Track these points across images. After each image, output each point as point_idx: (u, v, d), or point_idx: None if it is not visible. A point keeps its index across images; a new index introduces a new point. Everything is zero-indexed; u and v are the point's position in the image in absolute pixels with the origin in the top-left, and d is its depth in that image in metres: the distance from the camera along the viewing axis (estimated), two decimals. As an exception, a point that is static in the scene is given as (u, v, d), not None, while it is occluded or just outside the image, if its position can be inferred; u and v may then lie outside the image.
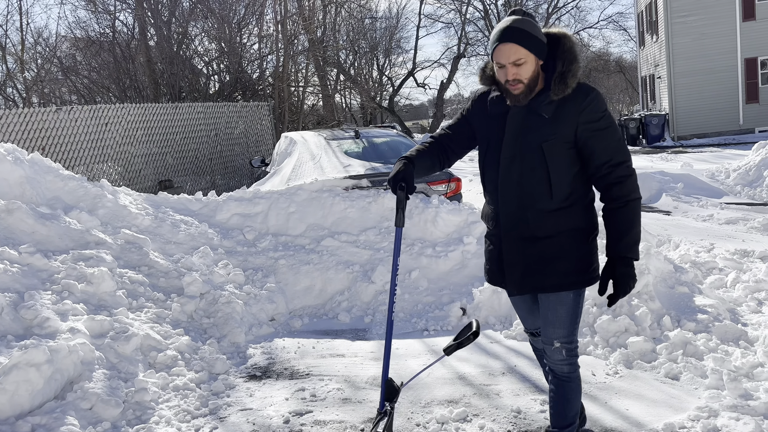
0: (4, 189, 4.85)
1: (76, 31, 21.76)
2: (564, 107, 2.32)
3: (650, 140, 21.47)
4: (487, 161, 2.47)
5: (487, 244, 2.59)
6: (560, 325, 2.46)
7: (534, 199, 2.37)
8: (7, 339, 3.37)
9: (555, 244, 2.39)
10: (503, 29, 2.31)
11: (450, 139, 2.59)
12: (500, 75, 2.35)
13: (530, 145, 2.34)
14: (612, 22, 41.27)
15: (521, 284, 2.47)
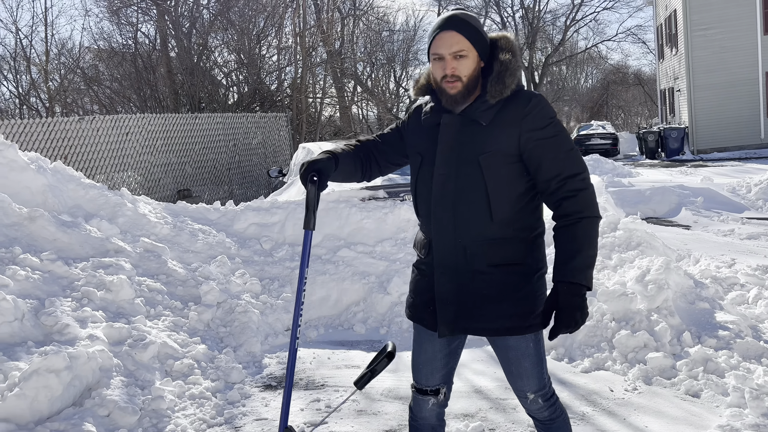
0: (27, 197, 4.94)
1: (100, 42, 22.16)
2: (504, 113, 1.99)
3: (669, 153, 21.28)
4: (419, 179, 2.12)
5: (415, 273, 2.21)
6: (528, 376, 2.12)
7: (471, 224, 2.01)
8: (27, 345, 3.41)
9: (495, 281, 2.02)
10: (446, 17, 2.04)
11: (378, 149, 2.24)
12: (437, 70, 2.03)
13: (466, 158, 2.00)
14: (631, 34, 41.03)
15: (454, 325, 2.07)
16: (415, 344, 2.21)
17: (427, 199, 2.09)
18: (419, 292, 2.17)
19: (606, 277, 4.77)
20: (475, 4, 39.54)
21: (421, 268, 2.18)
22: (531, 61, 39.64)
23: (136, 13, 20.14)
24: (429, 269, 2.12)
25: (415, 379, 2.22)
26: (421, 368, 2.19)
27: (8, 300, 3.49)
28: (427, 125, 2.12)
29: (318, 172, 2.00)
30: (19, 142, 8.92)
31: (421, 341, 2.18)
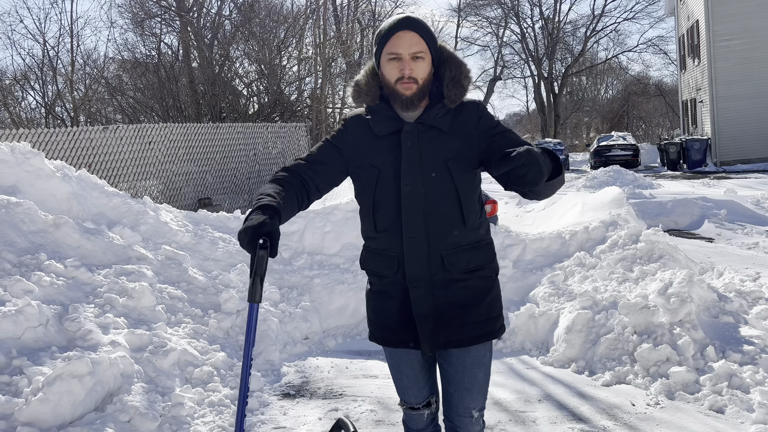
0: (53, 204, 5.02)
1: (124, 53, 22.56)
2: (459, 120, 1.98)
3: (691, 165, 21.01)
4: (380, 193, 1.98)
5: (378, 296, 2.08)
6: (479, 389, 2.06)
7: (445, 232, 1.96)
8: (51, 350, 3.45)
9: (469, 287, 2.00)
10: (402, 18, 1.95)
11: (313, 173, 2.01)
12: (391, 72, 1.94)
13: (433, 165, 1.95)
14: (652, 45, 40.82)
15: (435, 341, 1.99)
16: (392, 370, 2.14)
17: (394, 212, 1.97)
18: (388, 314, 2.05)
19: (627, 289, 4.72)
20: (494, 15, 39.65)
21: (385, 290, 2.05)
22: (550, 71, 39.51)
23: (159, 24, 20.50)
24: (397, 288, 2.02)
25: (404, 399, 2.16)
26: (408, 390, 2.13)
27: (33, 305, 3.55)
28: (383, 134, 1.99)
29: (267, 235, 1.75)
30: (45, 150, 9.09)
31: (399, 365, 2.11)
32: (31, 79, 23.77)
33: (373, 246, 2.07)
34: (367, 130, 2.03)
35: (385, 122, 2.00)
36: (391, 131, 1.99)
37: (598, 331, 4.27)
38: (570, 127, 44.65)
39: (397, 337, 2.05)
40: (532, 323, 4.68)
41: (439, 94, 2.00)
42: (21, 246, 4.31)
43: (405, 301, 2.02)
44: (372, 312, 2.13)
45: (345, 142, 2.05)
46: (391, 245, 2.00)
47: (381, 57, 1.97)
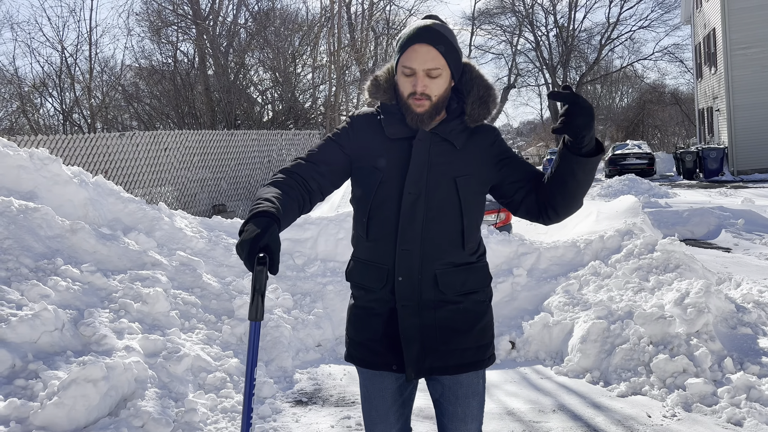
0: (69, 210, 5.08)
1: (141, 60, 22.83)
2: (473, 140, 1.90)
3: (708, 174, 20.81)
4: (379, 198, 1.86)
5: (361, 313, 1.93)
6: (473, 418, 1.94)
7: (442, 250, 1.85)
8: (66, 354, 3.48)
9: (461, 311, 1.88)
10: (422, 27, 1.83)
11: (316, 174, 1.88)
12: (405, 85, 1.84)
13: (440, 179, 1.85)
14: (668, 53, 40.36)
15: (420, 366, 1.87)
16: (364, 401, 1.98)
17: (391, 221, 1.85)
18: (371, 333, 1.90)
19: (643, 299, 4.67)
20: (508, 23, 39.66)
21: (369, 306, 1.91)
22: (565, 79, 39.38)
23: (176, 32, 20.73)
24: (383, 305, 1.88)
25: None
26: (377, 425, 1.96)
27: (49, 310, 3.58)
28: (394, 137, 1.87)
29: (267, 249, 1.61)
30: (63, 156, 9.21)
31: (371, 398, 1.95)
32: (50, 87, 24.12)
33: (362, 256, 1.93)
34: (377, 131, 1.90)
35: (399, 125, 1.88)
36: (403, 136, 1.87)
37: (614, 341, 4.22)
38: (584, 135, 44.30)
39: (379, 358, 1.90)
40: (546, 332, 4.64)
41: (460, 109, 1.90)
42: (38, 251, 4.35)
43: (390, 320, 1.87)
44: (353, 330, 1.96)
45: (351, 141, 1.92)
46: (382, 256, 1.86)
47: (398, 67, 1.87)
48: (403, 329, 1.85)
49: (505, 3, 38.47)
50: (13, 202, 4.55)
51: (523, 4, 38.26)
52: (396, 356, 1.87)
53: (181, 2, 19.98)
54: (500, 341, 4.79)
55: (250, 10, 20.71)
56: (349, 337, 1.97)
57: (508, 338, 4.80)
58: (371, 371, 1.93)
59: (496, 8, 38.90)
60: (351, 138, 1.92)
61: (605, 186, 16.08)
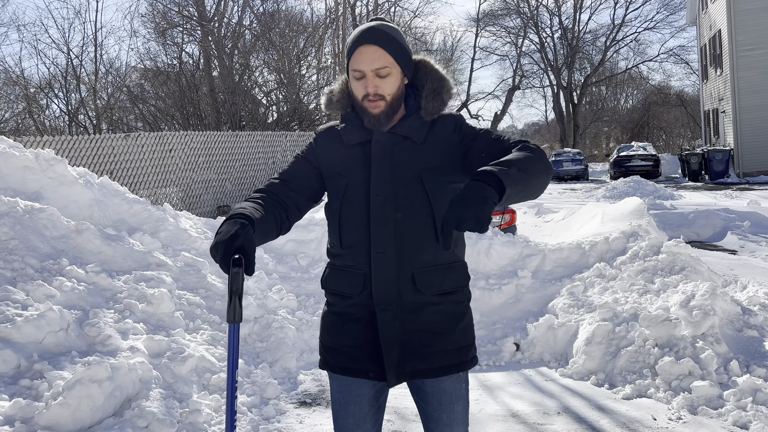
0: (75, 210, 5.09)
1: (146, 61, 22.90)
2: (434, 132, 1.87)
3: (713, 176, 20.74)
4: (346, 206, 1.86)
5: (338, 319, 1.90)
6: (459, 423, 1.91)
7: (417, 249, 1.82)
8: (71, 354, 3.49)
9: (441, 312, 1.84)
10: (365, 29, 1.83)
11: (291, 189, 1.88)
12: (357, 89, 1.84)
13: (406, 176, 1.83)
14: (673, 55, 40.29)
15: (401, 370, 1.83)
16: (338, 407, 1.92)
17: (361, 226, 1.83)
18: (349, 339, 1.87)
19: (648, 301, 4.65)
20: (513, 25, 39.65)
21: (347, 312, 1.87)
22: (570, 81, 39.34)
23: (181, 33, 20.79)
24: (362, 310, 1.85)
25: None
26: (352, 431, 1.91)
27: (55, 310, 3.59)
28: (352, 143, 1.88)
29: (242, 250, 1.59)
30: (68, 157, 9.24)
31: (347, 402, 1.90)
32: (56, 88, 24.23)
33: (338, 263, 1.90)
34: (338, 140, 1.91)
35: (356, 131, 1.88)
36: (361, 140, 1.87)
37: (619, 343, 4.21)
38: (589, 136, 44.36)
39: (357, 365, 1.85)
40: (551, 334, 4.63)
41: (417, 105, 1.89)
42: (44, 251, 4.37)
43: (369, 325, 1.83)
44: (329, 336, 1.92)
45: (316, 155, 1.93)
46: (358, 262, 1.84)
47: (349, 73, 1.86)
48: (382, 333, 1.82)
49: (510, 4, 38.48)
50: (18, 202, 4.56)
51: (527, 5, 38.25)
52: (374, 363, 1.84)
53: (187, 4, 20.06)
54: (505, 343, 4.78)
55: (255, 12, 20.76)
56: (325, 343, 1.94)
57: (513, 340, 4.79)
58: (348, 378, 1.89)
59: (501, 10, 38.93)
60: (316, 153, 1.94)
61: (610, 188, 16.04)
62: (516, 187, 1.56)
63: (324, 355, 1.94)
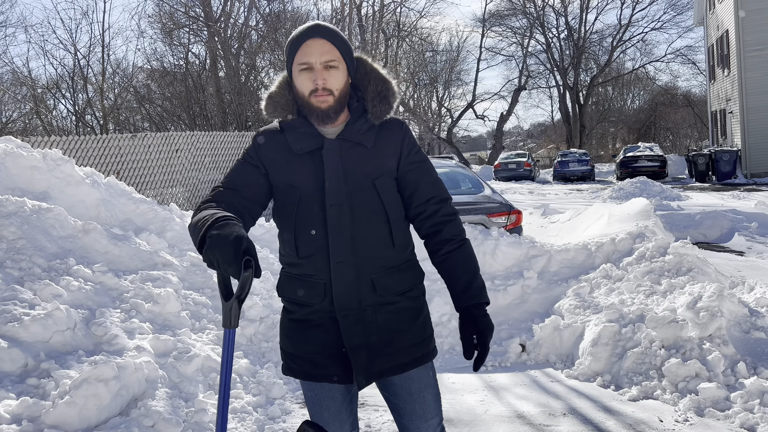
0: (82, 210, 5.11)
1: (152, 62, 22.99)
2: (382, 136, 1.88)
3: (720, 177, 20.64)
4: (302, 215, 1.83)
5: (299, 326, 1.89)
6: (431, 411, 1.93)
7: (374, 255, 1.84)
8: (78, 354, 3.50)
9: (400, 310, 1.88)
10: (312, 25, 1.84)
11: (242, 197, 1.83)
12: (304, 83, 1.81)
13: (361, 184, 1.83)
14: (680, 55, 40.18)
15: (370, 371, 1.85)
16: (311, 404, 1.93)
17: (316, 237, 1.82)
18: (311, 345, 1.87)
19: (655, 302, 4.64)
20: (519, 25, 39.58)
21: (308, 319, 1.87)
22: (576, 81, 39.25)
23: (187, 34, 20.85)
24: (323, 316, 1.86)
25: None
26: (329, 425, 1.92)
27: (62, 309, 3.60)
28: (303, 151, 1.84)
29: (248, 252, 1.53)
30: (75, 157, 9.28)
31: (320, 400, 1.91)
32: (63, 88, 24.35)
33: (295, 272, 1.88)
34: (284, 147, 1.86)
35: (305, 139, 1.84)
36: (311, 149, 1.83)
37: (625, 344, 4.19)
38: (596, 137, 44.25)
39: (321, 370, 1.87)
40: (557, 335, 4.62)
41: (361, 108, 1.88)
42: (51, 251, 4.39)
43: (331, 331, 1.85)
44: (290, 343, 1.91)
45: (261, 161, 1.87)
46: (318, 271, 1.83)
47: (293, 68, 1.83)
48: (347, 339, 1.83)
49: (516, 5, 38.42)
50: (26, 202, 4.59)
51: (534, 6, 38.17)
52: (338, 367, 1.86)
53: (193, 4, 20.12)
54: (510, 344, 4.77)
55: (261, 12, 20.80)
56: (286, 350, 1.93)
57: (519, 341, 4.78)
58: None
59: (507, 10, 38.85)
60: (262, 159, 1.88)
61: (616, 188, 15.99)
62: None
63: (286, 362, 1.94)
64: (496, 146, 38.15)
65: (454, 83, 40.93)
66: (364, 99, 1.89)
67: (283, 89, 1.91)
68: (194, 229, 1.65)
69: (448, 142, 37.93)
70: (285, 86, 1.91)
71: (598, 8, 54.30)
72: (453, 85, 40.83)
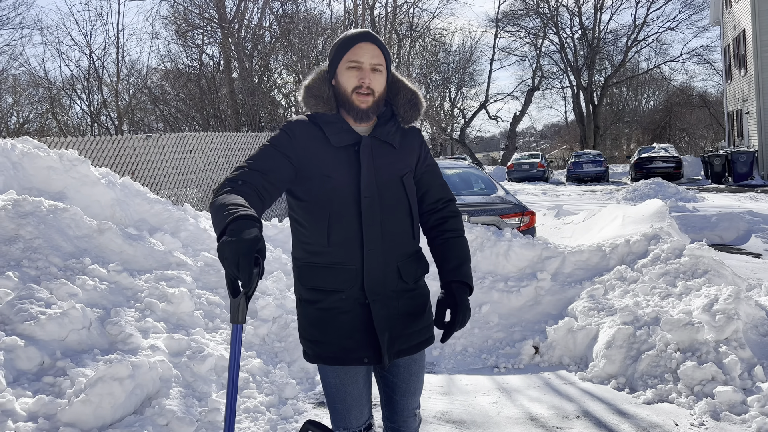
0: (97, 210, 5.16)
1: (167, 63, 23.15)
2: (405, 139, 2.09)
3: (737, 178, 20.40)
4: (336, 205, 1.95)
5: (326, 314, 1.99)
6: (419, 390, 2.16)
7: (399, 244, 2.02)
8: (93, 352, 3.53)
9: (416, 296, 2.08)
10: (365, 31, 2.01)
11: (268, 182, 1.89)
12: (350, 80, 1.96)
13: (390, 178, 2.01)
14: (696, 55, 39.66)
15: (391, 351, 2.01)
16: (335, 391, 2.04)
17: (348, 225, 1.95)
18: (341, 331, 1.97)
19: (670, 305, 4.59)
20: (533, 25, 39.39)
21: (335, 306, 1.97)
22: (590, 81, 38.99)
23: (201, 35, 20.98)
24: (351, 303, 1.97)
25: (344, 425, 2.07)
26: (351, 410, 2.05)
27: (77, 308, 3.64)
28: (340, 145, 1.97)
29: (259, 252, 1.59)
30: (90, 158, 9.37)
31: (344, 385, 2.02)
32: (78, 89, 24.60)
33: (320, 261, 1.97)
34: (319, 139, 1.98)
35: (342, 134, 1.99)
36: (347, 143, 1.98)
37: (640, 347, 4.16)
38: (610, 138, 43.91)
39: (352, 354, 1.98)
40: (571, 337, 4.59)
41: (390, 112, 2.07)
42: (67, 250, 4.43)
43: (359, 316, 1.98)
44: (316, 331, 2.00)
45: (294, 149, 1.96)
46: (349, 258, 1.96)
47: (339, 64, 1.99)
48: (377, 321, 1.98)
49: (530, 5, 38.23)
50: (43, 202, 4.63)
51: (547, 5, 37.97)
52: (367, 349, 1.99)
53: (207, 6, 20.24)
54: (523, 345, 4.74)
55: (274, 14, 20.88)
56: (311, 338, 2.02)
57: (532, 343, 4.75)
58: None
59: (520, 10, 38.68)
60: (294, 147, 1.97)
61: (631, 189, 15.86)
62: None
63: (314, 350, 2.03)
64: (509, 147, 38.00)
65: (467, 83, 40.84)
66: (393, 104, 2.09)
67: (320, 83, 2.04)
68: (217, 215, 1.69)
69: (461, 142, 37.85)
70: (321, 81, 2.05)
71: (613, 8, 53.84)
72: (466, 85, 40.73)
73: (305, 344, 2.05)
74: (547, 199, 17.39)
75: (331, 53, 2.04)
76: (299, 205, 2.00)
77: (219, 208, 1.71)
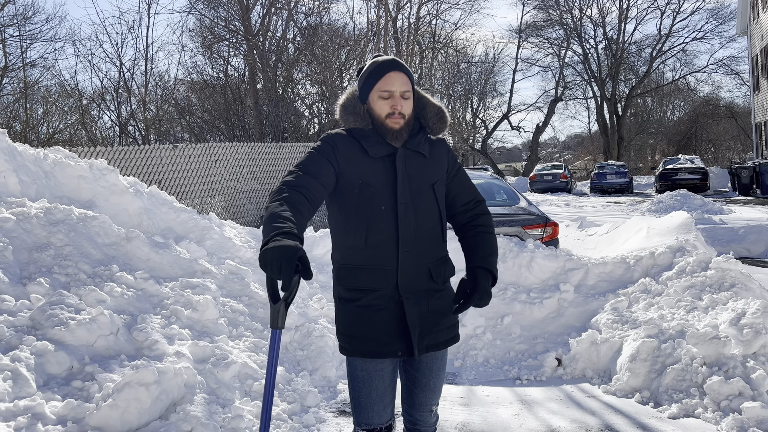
0: (125, 218, 5.27)
1: (193, 74, 23.54)
2: (434, 148, 2.29)
3: (765, 190, 20.01)
4: (374, 210, 2.14)
5: (365, 311, 2.16)
6: (440, 387, 2.33)
7: (430, 247, 2.21)
8: (120, 358, 3.60)
9: (444, 296, 2.26)
10: (391, 59, 2.22)
11: (320, 184, 2.09)
12: (382, 107, 2.18)
13: (422, 186, 2.22)
14: (723, 66, 38.99)
15: (420, 346, 2.18)
16: (362, 385, 2.19)
17: (386, 228, 2.14)
18: (378, 327, 2.15)
19: (696, 318, 4.53)
20: (556, 36, 39.26)
21: (373, 304, 2.15)
22: (614, 92, 38.65)
23: (227, 48, 21.31)
24: (388, 301, 2.16)
25: (366, 421, 2.20)
26: (374, 406, 2.19)
27: (105, 315, 3.71)
28: (377, 155, 2.18)
29: (300, 260, 1.78)
30: (119, 167, 9.56)
31: (371, 379, 2.18)
32: (107, 100, 25.12)
33: (358, 262, 2.17)
34: (357, 149, 2.18)
35: (378, 146, 2.19)
36: (384, 154, 2.18)
37: (664, 360, 4.10)
38: (634, 149, 43.44)
39: (387, 347, 2.16)
40: (594, 350, 4.55)
41: (418, 125, 2.27)
42: (95, 257, 4.53)
43: (394, 312, 2.16)
44: (355, 327, 2.18)
45: (336, 158, 2.16)
46: (386, 260, 2.15)
47: (371, 93, 2.20)
48: (410, 317, 2.15)
49: (553, 16, 38.10)
50: (73, 210, 4.75)
51: (571, 16, 37.81)
52: (400, 343, 2.16)
53: (233, 18, 20.57)
54: (546, 358, 4.71)
55: (298, 26, 21.13)
56: (349, 334, 2.19)
57: (555, 355, 4.72)
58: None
59: (544, 21, 38.56)
60: (337, 156, 2.17)
61: (656, 201, 15.67)
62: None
63: (351, 344, 2.19)
64: (532, 157, 37.80)
65: (489, 94, 40.79)
66: (420, 118, 2.29)
67: (354, 102, 2.26)
68: (267, 224, 1.90)
69: (483, 153, 37.78)
70: (355, 99, 2.27)
71: (638, 18, 53.37)
72: (488, 96, 40.69)
73: (343, 340, 2.21)
74: (570, 210, 17.25)
75: (361, 80, 2.25)
76: (340, 210, 2.20)
77: (270, 217, 1.92)
